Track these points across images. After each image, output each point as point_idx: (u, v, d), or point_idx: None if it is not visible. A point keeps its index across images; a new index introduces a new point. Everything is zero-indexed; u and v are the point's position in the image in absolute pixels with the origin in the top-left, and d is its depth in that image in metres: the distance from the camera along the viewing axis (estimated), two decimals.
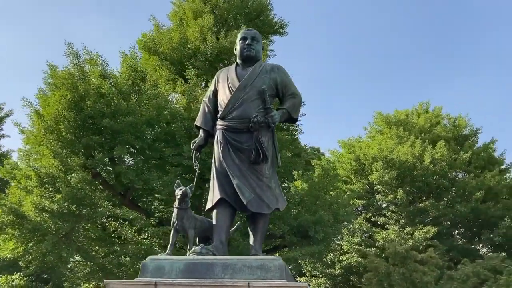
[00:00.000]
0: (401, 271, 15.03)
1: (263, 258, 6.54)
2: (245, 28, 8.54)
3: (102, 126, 13.75)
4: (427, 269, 15.30)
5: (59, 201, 12.82)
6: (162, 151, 14.02)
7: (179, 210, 7.12)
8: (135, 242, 13.26)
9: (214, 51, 17.47)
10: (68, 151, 13.67)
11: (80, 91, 14.01)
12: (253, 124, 7.09)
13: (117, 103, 13.66)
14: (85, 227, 13.94)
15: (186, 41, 17.99)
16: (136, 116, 13.63)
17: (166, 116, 14.49)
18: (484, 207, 24.82)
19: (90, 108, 13.58)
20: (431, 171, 25.89)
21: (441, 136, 29.00)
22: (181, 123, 14.11)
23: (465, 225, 26.07)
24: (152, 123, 14.30)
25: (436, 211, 25.01)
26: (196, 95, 14.68)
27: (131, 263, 13.74)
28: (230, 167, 7.13)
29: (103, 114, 13.93)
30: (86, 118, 13.88)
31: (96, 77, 14.63)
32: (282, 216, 15.97)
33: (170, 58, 17.92)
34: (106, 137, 13.95)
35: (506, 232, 23.76)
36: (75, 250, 13.51)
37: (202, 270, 6.36)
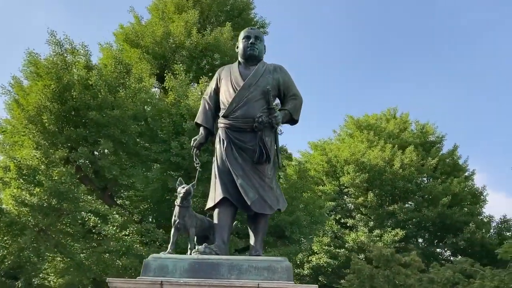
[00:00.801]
0: (385, 273, 15.33)
1: (270, 259, 6.52)
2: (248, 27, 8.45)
3: (87, 118, 13.32)
4: (409, 272, 15.67)
5: (39, 194, 12.34)
6: (147, 147, 13.73)
7: (181, 208, 7.02)
8: (116, 239, 12.93)
9: (199, 46, 17.26)
10: (50, 143, 13.17)
11: (65, 81, 13.54)
12: (258, 124, 7.06)
13: (104, 96, 13.27)
14: (64, 222, 13.47)
15: (169, 35, 17.71)
16: (123, 110, 13.29)
17: (152, 111, 14.20)
18: (450, 212, 25.61)
19: (76, 99, 13.13)
20: (400, 175, 26.50)
21: (408, 141, 29.75)
22: (169, 118, 13.85)
23: (431, 229, 26.81)
24: (138, 118, 13.98)
25: (404, 214, 25.63)
26: (185, 91, 14.46)
27: (111, 259, 13.41)
28: (233, 166, 7.08)
29: (88, 107, 13.50)
30: (70, 110, 13.42)
31: (80, 68, 14.17)
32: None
33: (153, 52, 17.59)
34: (91, 130, 13.52)
35: (470, 237, 24.57)
36: (53, 245, 13.05)
37: (208, 270, 6.28)
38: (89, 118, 13.31)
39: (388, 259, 15.99)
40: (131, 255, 12.91)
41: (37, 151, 12.85)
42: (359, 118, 32.64)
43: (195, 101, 13.51)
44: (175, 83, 14.72)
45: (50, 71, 13.67)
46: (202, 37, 17.57)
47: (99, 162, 13.32)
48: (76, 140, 13.57)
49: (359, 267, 16.18)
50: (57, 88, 13.59)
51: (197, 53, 17.55)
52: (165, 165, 13.66)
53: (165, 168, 13.67)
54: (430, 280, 15.21)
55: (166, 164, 13.67)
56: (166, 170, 13.67)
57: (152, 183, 13.37)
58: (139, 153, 14.07)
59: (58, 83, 13.52)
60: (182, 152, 13.25)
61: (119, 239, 12.77)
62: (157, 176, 13.23)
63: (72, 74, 13.68)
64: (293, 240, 16.85)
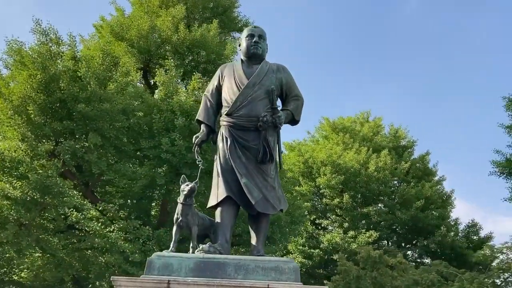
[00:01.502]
0: (373, 275, 15.55)
1: (277, 259, 6.52)
2: (251, 25, 8.40)
3: (74, 111, 12.93)
4: (396, 273, 15.95)
5: (22, 188, 11.90)
6: (135, 142, 13.46)
7: (184, 206, 6.94)
8: (100, 235, 12.61)
9: (186, 42, 17.06)
10: (36, 135, 12.72)
11: (51, 71, 13.12)
12: (262, 123, 7.06)
13: (94, 89, 12.93)
14: (46, 217, 13.04)
15: (154, 30, 17.43)
16: (113, 104, 12.98)
17: (140, 106, 13.92)
18: (422, 216, 26.19)
19: (64, 91, 12.73)
20: (375, 178, 26.94)
21: (382, 145, 30.29)
22: (160, 114, 13.61)
23: (403, 231, 27.36)
24: (127, 112, 13.68)
25: (378, 216, 26.08)
26: (176, 87, 14.26)
27: (94, 256, 13.08)
28: (237, 164, 7.05)
29: (76, 99, 13.12)
30: (56, 102, 13.00)
31: (67, 59, 13.76)
32: (240, 215, 15.93)
33: (137, 46, 17.28)
34: (78, 123, 13.15)
35: (441, 240, 25.19)
36: (34, 241, 12.62)
37: (214, 270, 6.23)
38: (77, 111, 12.94)
39: (376, 261, 16.25)
40: (115, 252, 12.65)
41: (22, 142, 12.41)
42: (335, 121, 33.00)
43: (186, 97, 13.36)
44: (166, 78, 14.47)
45: (36, 60, 13.22)
46: (189, 33, 17.37)
47: (85, 156, 12.96)
48: (62, 133, 13.16)
49: (346, 268, 16.36)
50: (43, 78, 13.15)
51: (183, 49, 17.35)
52: (154, 162, 13.43)
53: (154, 164, 13.44)
54: (415, 282, 15.53)
55: (155, 160, 13.44)
56: (154, 167, 13.43)
57: (140, 179, 13.13)
58: (127, 148, 13.77)
59: (45, 74, 13.09)
60: (172, 149, 13.08)
61: (103, 235, 12.48)
62: (146, 172, 12.99)
63: (58, 65, 13.22)
64: (273, 240, 16.89)
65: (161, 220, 14.59)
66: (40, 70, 13.06)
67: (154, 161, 13.47)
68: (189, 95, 13.76)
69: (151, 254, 13.29)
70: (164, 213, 14.91)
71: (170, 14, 17.84)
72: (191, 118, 13.53)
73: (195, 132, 14.19)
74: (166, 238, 13.28)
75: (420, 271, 16.79)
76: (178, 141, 12.81)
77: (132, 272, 12.61)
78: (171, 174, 13.61)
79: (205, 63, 17.60)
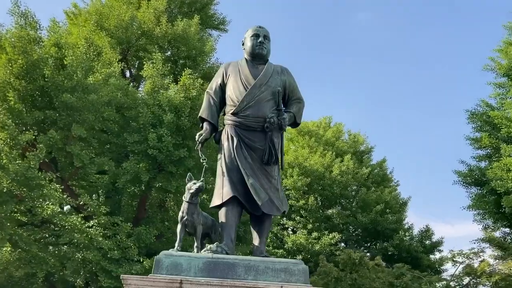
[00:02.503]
0: (353, 276, 15.88)
1: (286, 261, 6.62)
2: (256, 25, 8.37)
3: (57, 100, 12.40)
4: (374, 275, 16.34)
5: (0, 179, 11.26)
6: (119, 136, 13.09)
7: (190, 204, 6.94)
8: (80, 231, 12.15)
9: (168, 36, 16.76)
10: (16, 124, 12.07)
11: (33, 57, 12.56)
12: (269, 124, 7.12)
13: (80, 78, 12.45)
14: (21, 210, 12.42)
15: (134, 20, 17.01)
16: (99, 95, 12.55)
17: (125, 99, 13.55)
18: (382, 220, 26.97)
19: (48, 79, 12.18)
20: (338, 181, 27.51)
21: (343, 150, 31.00)
22: (148, 109, 13.30)
23: (363, 234, 28.09)
24: (112, 105, 13.27)
25: (340, 219, 26.67)
26: (162, 82, 13.98)
27: (71, 252, 12.58)
28: (243, 164, 7.06)
29: (60, 88, 12.60)
30: (39, 90, 12.42)
31: (49, 45, 13.18)
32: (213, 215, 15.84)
33: (116, 36, 16.79)
34: (61, 113, 12.65)
35: (399, 243, 26.06)
36: (8, 234, 11.98)
37: (224, 270, 6.25)
38: (60, 100, 12.42)
39: (355, 263, 16.61)
40: (93, 248, 12.27)
41: (2, 131, 11.77)
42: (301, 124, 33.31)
43: (175, 92, 13.13)
44: (153, 72, 14.16)
45: (16, 44, 12.60)
46: (172, 27, 17.11)
47: (67, 148, 12.47)
48: (43, 122, 12.61)
49: (325, 270, 16.64)
50: (24, 64, 12.55)
51: (164, 43, 17.04)
52: (139, 157, 13.13)
53: (138, 159, 13.13)
54: (390, 284, 16.00)
55: (140, 155, 13.15)
56: (139, 162, 13.13)
57: (124, 174, 12.80)
58: (111, 142, 13.39)
59: (26, 59, 12.48)
60: (159, 145, 12.79)
61: (82, 231, 12.06)
62: (130, 167, 12.68)
63: (40, 51, 12.63)
64: (245, 240, 16.92)
65: (139, 217, 14.28)
66: (21, 55, 12.44)
67: (138, 156, 13.17)
68: (178, 91, 13.53)
69: (129, 251, 13.10)
70: (142, 209, 14.61)
71: (151, 6, 17.48)
72: (180, 115, 13.34)
73: (183, 129, 14.13)
74: (146, 236, 13.06)
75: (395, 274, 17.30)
76: (166, 138, 12.60)
77: (111, 269, 12.31)
78: (154, 170, 13.38)
79: (185, 59, 17.39)
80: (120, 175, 12.90)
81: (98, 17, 16.91)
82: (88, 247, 12.29)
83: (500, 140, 18.23)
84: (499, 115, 17.75)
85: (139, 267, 12.46)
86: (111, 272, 12.36)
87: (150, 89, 13.74)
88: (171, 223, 14.58)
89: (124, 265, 12.54)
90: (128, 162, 12.72)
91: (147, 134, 12.92)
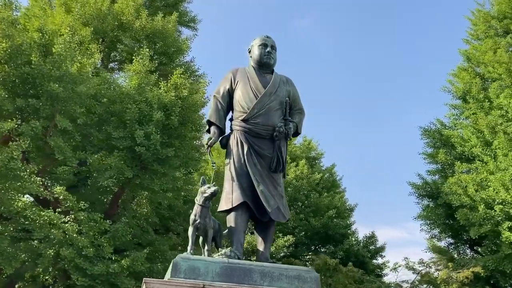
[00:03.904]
0: (328, 281, 16.27)
1: (298, 268, 6.95)
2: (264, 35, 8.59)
3: (42, 89, 11.80)
4: (347, 281, 16.85)
5: None
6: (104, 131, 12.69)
7: (203, 208, 7.09)
8: (55, 226, 11.63)
9: (147, 30, 16.47)
10: None
11: (18, 42, 12.02)
12: (278, 133, 7.45)
13: (69, 68, 11.94)
14: None
15: (111, 10, 16.55)
16: (88, 87, 12.09)
17: (111, 93, 13.15)
18: (332, 224, 27.89)
19: (35, 66, 11.56)
20: (293, 185, 28.15)
21: (296, 154, 31.77)
22: (136, 105, 12.99)
23: (315, 238, 28.87)
24: (98, 98, 12.85)
25: (294, 222, 27.29)
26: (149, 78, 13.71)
27: (43, 248, 11.97)
28: (253, 171, 7.32)
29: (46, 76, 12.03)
30: (22, 76, 11.76)
31: (33, 30, 12.53)
32: (183, 213, 15.92)
33: (93, 25, 16.21)
34: (45, 103, 12.16)
35: (348, 248, 27.06)
36: None
37: (240, 275, 6.48)
38: (46, 89, 11.94)
39: (330, 269, 17.06)
40: (67, 245, 11.82)
41: None
42: None
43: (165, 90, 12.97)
44: (142, 67, 13.87)
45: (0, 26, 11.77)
46: (152, 22, 16.79)
47: (50, 139, 11.94)
48: (25, 111, 11.98)
49: None
50: (8, 48, 11.88)
51: (141, 37, 16.72)
52: (123, 153, 12.82)
53: (122, 156, 12.82)
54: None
55: (124, 151, 12.85)
56: (123, 158, 12.80)
57: (107, 170, 12.45)
58: (93, 135, 12.97)
59: (11, 43, 11.84)
60: (146, 142, 12.57)
61: (58, 226, 11.59)
62: (115, 163, 12.35)
63: (25, 36, 11.95)
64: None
65: (109, 213, 13.93)
66: (5, 39, 11.76)
67: (123, 152, 12.88)
68: (169, 89, 13.38)
69: (103, 249, 12.82)
70: (114, 205, 14.30)
71: None
72: (169, 113, 13.22)
73: (172, 128, 14.02)
74: (122, 233, 12.81)
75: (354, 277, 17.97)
76: (155, 136, 12.44)
77: (85, 267, 11.97)
78: (136, 168, 13.16)
79: (160, 55, 17.18)
80: (102, 170, 12.59)
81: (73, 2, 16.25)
82: (62, 243, 11.88)
83: (453, 157, 19.52)
84: (455, 135, 19.02)
85: (116, 266, 12.24)
86: (85, 270, 12.03)
87: (137, 85, 13.50)
88: (142, 221, 14.43)
89: (99, 264, 12.26)
90: (113, 158, 12.45)
91: (133, 130, 12.71)
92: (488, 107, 18.29)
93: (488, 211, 15.93)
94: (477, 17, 23.36)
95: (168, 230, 16.24)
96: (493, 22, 22.18)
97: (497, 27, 22.30)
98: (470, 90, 19.64)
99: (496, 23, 22.10)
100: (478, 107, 18.81)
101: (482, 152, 17.01)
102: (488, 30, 22.64)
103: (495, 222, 15.81)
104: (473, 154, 17.83)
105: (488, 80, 20.59)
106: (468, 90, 19.81)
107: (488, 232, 16.25)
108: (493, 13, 22.41)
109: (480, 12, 23.16)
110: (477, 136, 17.42)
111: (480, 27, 22.90)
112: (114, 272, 12.05)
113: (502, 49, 20.17)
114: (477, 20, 23.30)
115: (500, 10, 21.74)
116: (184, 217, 16.00)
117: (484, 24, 22.80)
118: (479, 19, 23.18)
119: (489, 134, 16.87)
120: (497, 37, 21.98)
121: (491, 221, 15.84)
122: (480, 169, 17.30)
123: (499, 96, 17.75)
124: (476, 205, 16.32)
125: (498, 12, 21.90)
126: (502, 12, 21.78)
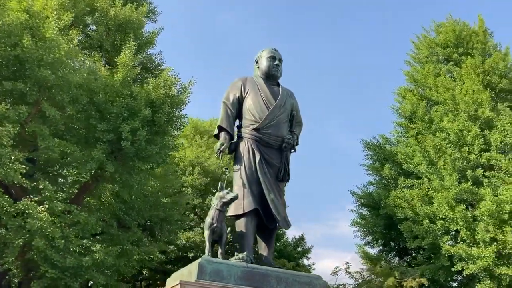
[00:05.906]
0: None
1: (308, 275, 7.50)
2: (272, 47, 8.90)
3: (31, 74, 11.01)
4: None
5: None
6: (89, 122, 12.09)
7: (221, 212, 7.37)
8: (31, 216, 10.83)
9: (120, 20, 15.87)
10: None
11: (7, 21, 11.12)
12: (287, 144, 7.98)
13: (62, 55, 11.21)
14: None
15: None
16: (79, 76, 11.44)
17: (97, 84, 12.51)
18: None
19: (27, 49, 10.73)
20: None
21: None
22: (124, 99, 12.50)
23: None
24: (84, 88, 12.17)
25: None
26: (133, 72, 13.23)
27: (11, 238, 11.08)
28: (264, 179, 7.76)
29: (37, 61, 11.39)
30: (9, 59, 10.86)
31: (17, 9, 11.60)
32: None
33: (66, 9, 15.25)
34: (32, 88, 11.41)
35: (282, 249, 28.01)
36: None
37: (259, 280, 6.90)
38: (35, 75, 11.23)
39: None
40: (40, 235, 11.12)
41: None
42: (198, 121, 33.66)
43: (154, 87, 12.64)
44: (128, 60, 13.37)
45: None
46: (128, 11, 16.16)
47: (35, 127, 11.18)
48: (11, 95, 11.14)
49: None
50: None
51: (114, 26, 16.08)
52: (105, 145, 12.30)
53: (105, 149, 12.29)
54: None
55: (106, 144, 12.33)
56: (106, 152, 12.28)
57: (89, 162, 11.89)
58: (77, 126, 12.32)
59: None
60: (132, 137, 12.14)
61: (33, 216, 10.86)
62: (98, 156, 11.83)
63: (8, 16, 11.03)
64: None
65: (73, 201, 13.19)
66: None
67: (105, 144, 12.37)
68: (158, 86, 13.07)
69: (72, 240, 12.34)
70: (80, 196, 13.61)
71: None
72: (156, 110, 12.95)
73: (159, 125, 13.77)
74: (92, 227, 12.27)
75: None
76: (142, 131, 12.11)
77: (57, 259, 11.36)
78: (116, 163, 12.71)
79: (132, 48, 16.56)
80: (83, 162, 12.05)
81: None
82: (32, 233, 11.21)
83: (397, 172, 20.90)
84: (401, 151, 20.34)
85: (88, 259, 11.79)
86: (55, 262, 11.46)
87: (122, 78, 13.05)
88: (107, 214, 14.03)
89: (69, 256, 11.74)
90: (96, 151, 11.94)
91: (119, 124, 12.29)
92: (434, 128, 19.73)
93: (431, 225, 17.32)
94: (422, 42, 25.16)
95: (126, 226, 15.86)
96: (437, 49, 23.98)
97: (439, 53, 24.12)
98: (417, 111, 21.09)
99: (440, 50, 23.90)
100: (424, 127, 20.28)
101: (426, 170, 18.38)
102: (431, 56, 24.46)
103: (435, 235, 17.22)
104: (418, 170, 19.15)
105: (431, 102, 22.24)
106: (415, 111, 21.25)
107: (428, 245, 17.65)
108: (437, 41, 24.21)
109: (426, 38, 24.93)
110: (424, 155, 18.77)
111: (423, 52, 24.69)
112: (85, 266, 11.66)
113: (442, 75, 21.89)
114: (421, 45, 25.09)
115: (445, 39, 23.53)
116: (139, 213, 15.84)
117: (427, 50, 24.60)
118: (423, 44, 24.98)
119: (434, 154, 18.27)
120: (438, 63, 23.79)
121: (432, 235, 17.23)
122: (424, 185, 18.67)
123: (443, 119, 19.26)
124: (420, 218, 17.66)
125: (443, 40, 23.67)
126: (446, 41, 23.60)
